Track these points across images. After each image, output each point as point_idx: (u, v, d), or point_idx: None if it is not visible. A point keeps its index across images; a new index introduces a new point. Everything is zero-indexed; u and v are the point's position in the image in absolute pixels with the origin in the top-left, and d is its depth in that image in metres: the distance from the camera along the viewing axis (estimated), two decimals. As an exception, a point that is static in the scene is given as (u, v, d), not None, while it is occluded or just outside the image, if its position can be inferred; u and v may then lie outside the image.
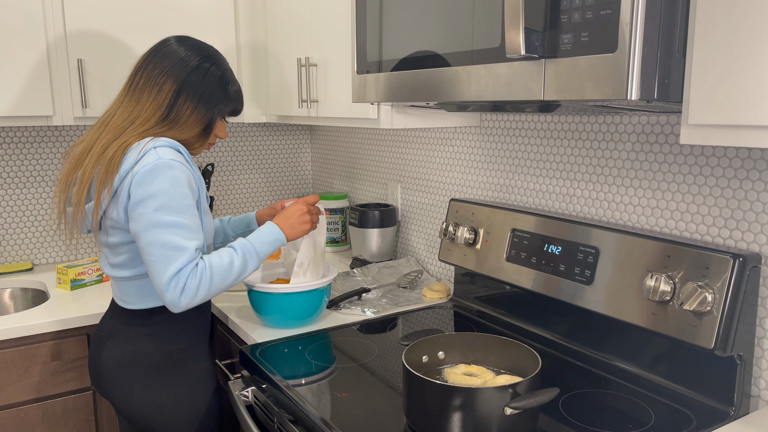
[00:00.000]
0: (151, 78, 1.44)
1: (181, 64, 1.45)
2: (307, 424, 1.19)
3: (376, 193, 2.42)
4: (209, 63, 1.48)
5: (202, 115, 1.47)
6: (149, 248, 1.31)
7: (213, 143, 1.57)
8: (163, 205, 1.31)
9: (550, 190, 1.65)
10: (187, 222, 1.33)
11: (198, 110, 1.46)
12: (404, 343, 1.35)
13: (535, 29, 1.01)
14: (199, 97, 1.46)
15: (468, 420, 1.04)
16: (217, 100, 1.49)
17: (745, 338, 1.16)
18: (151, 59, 1.46)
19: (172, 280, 1.30)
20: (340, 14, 1.79)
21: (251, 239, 1.44)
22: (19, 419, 1.79)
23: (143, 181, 1.31)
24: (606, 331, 1.39)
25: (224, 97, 1.50)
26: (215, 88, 1.48)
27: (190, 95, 1.45)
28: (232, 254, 1.39)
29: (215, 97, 1.48)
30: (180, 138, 1.46)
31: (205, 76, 1.46)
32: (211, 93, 1.47)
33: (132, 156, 1.35)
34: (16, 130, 2.27)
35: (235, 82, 1.54)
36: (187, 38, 1.51)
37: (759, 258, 1.16)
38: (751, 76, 0.84)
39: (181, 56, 1.46)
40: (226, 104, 1.52)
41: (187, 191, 1.35)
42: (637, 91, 0.91)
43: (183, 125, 1.46)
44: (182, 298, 1.31)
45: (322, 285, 1.63)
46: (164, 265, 1.30)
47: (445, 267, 2.05)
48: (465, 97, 1.19)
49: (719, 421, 1.14)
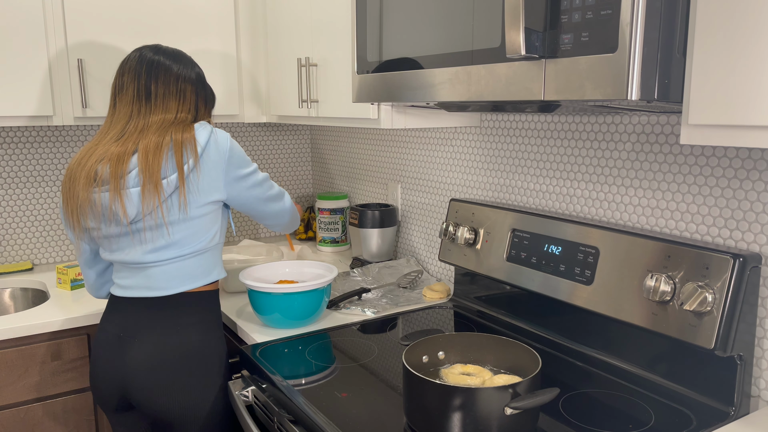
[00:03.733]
0: (170, 85, 1.55)
1: (188, 69, 1.59)
2: (307, 424, 1.19)
3: (376, 193, 2.41)
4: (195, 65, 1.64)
5: (210, 109, 1.67)
6: (265, 195, 1.61)
7: None
8: (255, 167, 1.59)
9: (550, 190, 1.65)
10: (265, 174, 1.64)
11: (208, 106, 1.65)
12: (404, 343, 1.36)
13: (536, 29, 1.01)
14: (206, 95, 1.64)
15: (468, 420, 1.04)
16: (212, 95, 1.68)
17: (745, 338, 1.16)
18: (158, 67, 1.55)
19: (292, 209, 1.71)
20: (340, 14, 1.79)
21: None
22: (19, 419, 1.79)
23: (234, 153, 1.52)
24: (606, 331, 1.39)
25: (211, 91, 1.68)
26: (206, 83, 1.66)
27: (201, 94, 1.62)
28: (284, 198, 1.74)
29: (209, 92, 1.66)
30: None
31: (199, 76, 1.62)
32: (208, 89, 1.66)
33: (203, 132, 1.49)
34: (16, 130, 2.27)
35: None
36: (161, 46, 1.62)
37: (759, 258, 1.16)
38: (752, 76, 0.84)
39: (185, 60, 1.60)
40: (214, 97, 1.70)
41: None
42: (637, 92, 0.91)
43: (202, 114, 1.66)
44: (298, 216, 1.77)
45: (322, 285, 1.63)
46: (281, 205, 1.67)
47: (445, 267, 2.05)
48: (465, 97, 1.19)
49: (719, 421, 1.14)
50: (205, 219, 1.50)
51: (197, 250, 1.51)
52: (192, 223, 1.48)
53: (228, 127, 2.65)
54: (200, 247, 1.51)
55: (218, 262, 1.58)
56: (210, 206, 1.50)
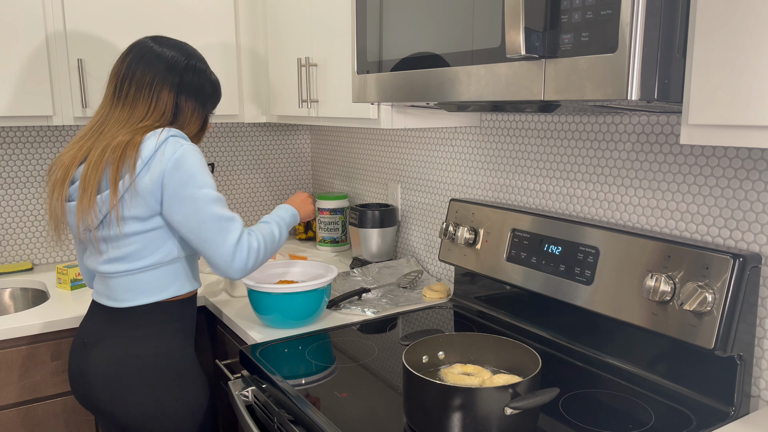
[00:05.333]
0: (144, 85, 1.44)
1: (172, 67, 1.47)
2: (307, 424, 1.19)
3: (376, 193, 2.41)
4: (195, 60, 1.52)
5: (200, 112, 1.54)
6: (203, 226, 1.37)
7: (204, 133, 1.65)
8: (204, 183, 1.38)
9: (550, 190, 1.65)
10: (222, 196, 1.42)
11: (197, 109, 1.53)
12: (404, 343, 1.36)
13: (535, 29, 1.01)
14: (196, 96, 1.52)
15: (468, 420, 1.04)
16: (209, 96, 1.55)
17: (745, 338, 1.16)
18: (136, 65, 1.45)
19: (237, 247, 1.39)
20: (340, 14, 1.79)
21: (282, 213, 1.59)
22: (19, 419, 1.79)
23: (180, 165, 1.36)
24: (606, 331, 1.39)
25: (213, 91, 1.57)
26: (205, 84, 1.54)
27: (189, 96, 1.50)
28: (270, 224, 1.52)
29: (207, 93, 1.55)
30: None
31: (194, 75, 1.51)
32: (203, 90, 1.54)
33: (150, 143, 1.37)
34: (16, 129, 2.27)
35: (214, 75, 1.59)
36: (163, 38, 1.52)
37: (759, 258, 1.16)
38: (752, 76, 0.84)
39: (168, 58, 1.47)
40: (215, 98, 1.59)
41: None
42: (637, 92, 0.91)
43: (187, 126, 1.52)
44: (249, 260, 1.41)
45: (322, 285, 1.63)
46: (223, 237, 1.38)
47: (445, 267, 2.05)
48: (465, 97, 1.19)
49: (719, 421, 1.14)
50: (156, 234, 1.41)
51: (151, 264, 1.43)
52: (139, 237, 1.40)
53: (228, 127, 2.65)
54: (154, 261, 1.43)
55: (182, 276, 1.49)
56: (153, 222, 1.40)
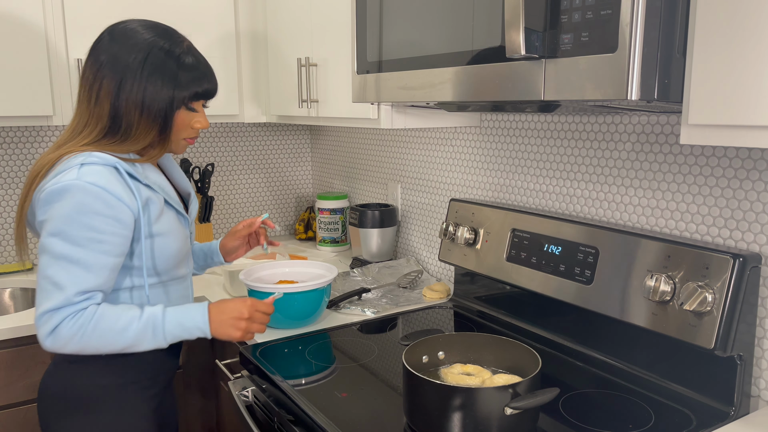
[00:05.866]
0: (87, 84, 1.24)
1: (114, 61, 1.22)
2: (307, 424, 1.19)
3: (376, 193, 2.41)
4: (149, 47, 1.23)
5: (152, 114, 1.24)
6: (38, 273, 1.16)
7: (194, 136, 1.34)
8: (59, 231, 1.14)
9: (550, 190, 1.65)
10: (81, 258, 1.15)
11: (146, 110, 1.23)
12: (404, 343, 1.36)
13: (536, 29, 1.01)
14: (143, 95, 1.22)
15: (468, 420, 1.04)
16: (168, 89, 1.24)
17: (745, 338, 1.16)
18: (87, 62, 1.26)
19: (44, 317, 1.15)
20: (340, 14, 1.79)
21: (170, 315, 1.23)
22: (20, 419, 1.79)
23: (49, 200, 1.16)
24: (606, 331, 1.39)
25: (174, 83, 1.24)
26: (161, 74, 1.23)
27: (132, 95, 1.22)
28: (132, 320, 1.20)
29: (162, 86, 1.23)
30: (136, 148, 1.26)
31: (144, 67, 1.22)
32: (155, 84, 1.22)
33: (57, 169, 1.19)
34: (16, 129, 2.27)
35: (188, 57, 1.26)
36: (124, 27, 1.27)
37: (759, 258, 1.16)
38: (752, 76, 0.84)
39: (114, 52, 1.23)
40: (182, 89, 1.25)
41: (98, 222, 1.15)
42: (637, 91, 0.91)
43: (136, 134, 1.24)
44: (48, 340, 1.16)
45: (322, 285, 1.63)
46: (41, 298, 1.16)
47: (445, 267, 2.05)
48: (465, 97, 1.19)
49: (719, 421, 1.14)
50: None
51: None
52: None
53: (228, 127, 2.65)
54: None
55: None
56: None
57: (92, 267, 1.16)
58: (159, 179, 1.32)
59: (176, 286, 1.37)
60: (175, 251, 1.32)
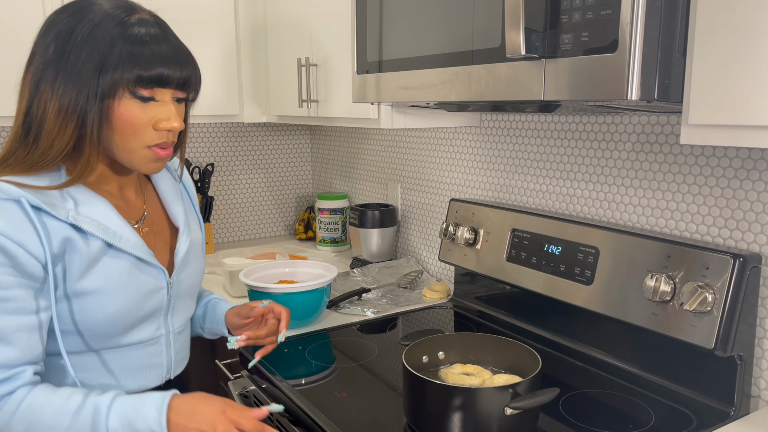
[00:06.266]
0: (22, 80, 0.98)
1: (43, 38, 0.95)
2: (307, 424, 1.19)
3: (376, 193, 2.41)
4: (84, 15, 0.93)
5: (66, 103, 0.91)
6: None
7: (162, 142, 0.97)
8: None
9: (550, 190, 1.65)
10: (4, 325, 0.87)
11: (58, 98, 0.91)
12: (404, 343, 1.36)
13: (536, 29, 1.01)
14: (58, 76, 0.91)
15: (468, 420, 1.04)
16: (90, 67, 0.90)
17: (746, 338, 1.16)
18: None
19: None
20: (340, 14, 1.79)
21: (117, 409, 0.89)
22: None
23: None
24: (606, 332, 1.38)
25: (102, 58, 0.90)
26: (90, 47, 0.90)
27: (47, 79, 0.92)
28: (67, 413, 0.88)
29: (86, 62, 0.90)
30: (55, 162, 0.94)
31: (71, 39, 0.91)
32: (77, 60, 0.90)
33: None
34: (16, 130, 2.27)
35: (138, 28, 0.95)
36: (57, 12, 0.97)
37: (759, 258, 1.16)
38: (752, 76, 0.84)
39: (49, 24, 0.96)
40: (117, 69, 0.90)
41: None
42: (637, 92, 0.91)
43: (47, 137, 0.92)
44: None
45: (322, 285, 1.63)
46: None
47: (445, 267, 2.05)
48: (465, 97, 1.19)
49: (719, 422, 1.14)
50: None
51: None
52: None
53: (228, 127, 2.65)
54: None
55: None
56: None
57: (2, 333, 0.87)
58: (102, 211, 0.97)
59: (123, 354, 1.02)
60: (113, 315, 0.97)
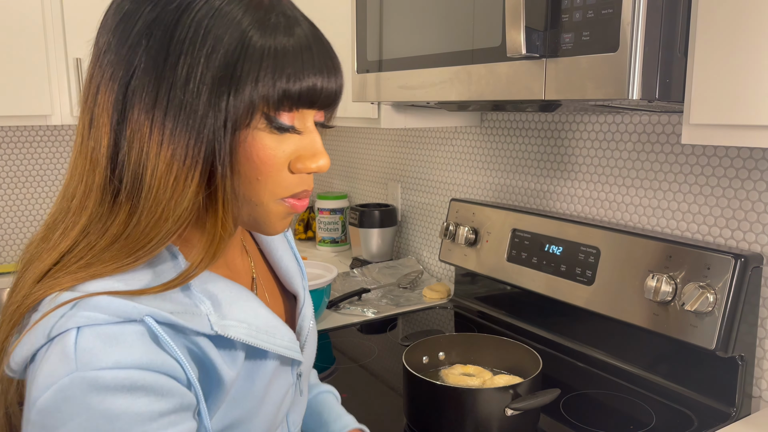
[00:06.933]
0: (84, 95, 0.68)
1: (105, 44, 0.70)
2: (306, 425, 1.19)
3: (376, 193, 2.41)
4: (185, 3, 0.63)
5: (183, 149, 0.60)
6: None
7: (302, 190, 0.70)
8: None
9: (550, 190, 1.64)
10: None
11: (176, 140, 0.61)
12: (404, 343, 1.35)
13: (536, 28, 1.01)
14: (156, 101, 0.61)
15: (468, 421, 1.04)
16: (218, 79, 0.61)
17: (747, 339, 1.16)
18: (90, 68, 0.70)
19: None
20: (340, 13, 1.78)
21: None
22: (18, 420, 1.79)
23: (45, 424, 0.56)
24: (607, 332, 1.38)
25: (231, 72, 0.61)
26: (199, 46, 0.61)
27: (143, 110, 0.61)
28: None
29: (207, 73, 0.61)
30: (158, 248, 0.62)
31: (151, 34, 0.64)
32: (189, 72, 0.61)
33: (33, 337, 0.60)
34: (15, 129, 2.27)
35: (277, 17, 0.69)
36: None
37: (761, 258, 1.16)
38: (753, 75, 0.84)
39: (110, 28, 0.71)
40: (259, 79, 0.63)
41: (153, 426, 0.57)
42: (638, 91, 0.91)
43: (154, 206, 0.61)
44: None
45: (322, 285, 1.62)
46: None
47: (446, 267, 2.05)
48: (465, 96, 1.19)
49: (721, 422, 1.14)
50: None
51: None
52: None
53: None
54: None
55: None
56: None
57: None
58: (250, 308, 0.69)
59: None
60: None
